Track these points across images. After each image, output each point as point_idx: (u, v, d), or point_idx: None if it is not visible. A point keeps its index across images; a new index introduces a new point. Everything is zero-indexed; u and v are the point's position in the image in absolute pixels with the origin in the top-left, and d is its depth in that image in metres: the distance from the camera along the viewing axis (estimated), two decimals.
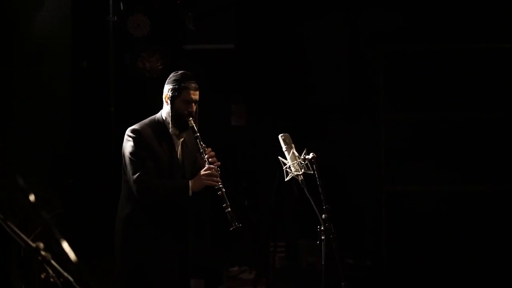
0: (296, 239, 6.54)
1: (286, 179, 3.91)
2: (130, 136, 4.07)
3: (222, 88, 6.94)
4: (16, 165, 6.03)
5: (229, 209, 3.99)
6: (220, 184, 4.04)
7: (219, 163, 4.14)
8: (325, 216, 3.75)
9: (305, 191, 3.84)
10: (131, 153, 4.03)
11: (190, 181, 4.05)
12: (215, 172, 4.05)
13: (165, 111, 4.16)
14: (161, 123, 4.15)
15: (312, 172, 3.86)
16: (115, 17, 6.11)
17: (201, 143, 4.10)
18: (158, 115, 4.20)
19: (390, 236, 6.80)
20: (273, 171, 4.81)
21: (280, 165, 3.94)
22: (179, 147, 4.20)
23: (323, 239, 3.74)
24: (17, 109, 6.15)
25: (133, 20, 6.27)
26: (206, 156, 4.09)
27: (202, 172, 4.05)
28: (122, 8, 6.10)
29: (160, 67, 6.31)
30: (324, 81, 6.85)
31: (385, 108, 6.90)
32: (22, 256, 5.35)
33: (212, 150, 4.17)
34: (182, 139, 4.21)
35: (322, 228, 3.75)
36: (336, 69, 6.87)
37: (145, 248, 4.07)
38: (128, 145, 4.07)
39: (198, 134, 4.10)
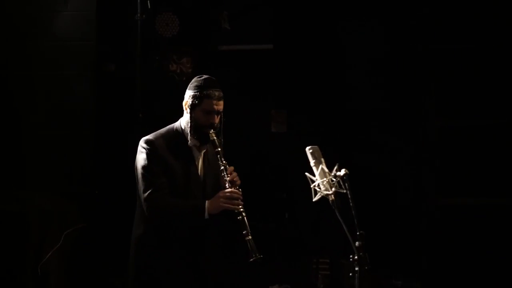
0: (339, 258, 5.99)
1: (314, 199, 3.38)
2: (143, 148, 3.66)
3: (261, 92, 6.46)
4: (36, 175, 5.70)
5: (250, 237, 3.55)
6: (241, 208, 3.60)
7: (239, 181, 3.70)
8: (359, 244, 3.21)
9: (336, 213, 3.31)
10: (143, 167, 3.62)
11: (207, 202, 3.61)
12: (236, 195, 3.61)
13: (184, 120, 3.75)
14: (180, 133, 3.73)
15: (344, 191, 3.31)
16: (143, 16, 5.66)
17: (223, 160, 3.67)
18: (177, 124, 3.80)
19: (444, 255, 6.17)
20: None
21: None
22: (200, 161, 3.78)
23: (356, 270, 3.20)
24: (38, 116, 5.82)
25: (161, 19, 5.82)
26: (227, 175, 3.66)
27: (222, 193, 3.62)
28: (149, 6, 5.64)
29: (190, 70, 5.84)
30: (368, 84, 6.27)
31: (435, 114, 6.28)
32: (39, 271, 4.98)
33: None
34: (204, 151, 3.79)
35: (356, 257, 3.20)
36: (381, 71, 6.27)
37: (158, 274, 3.66)
38: (140, 158, 3.66)
39: (219, 149, 3.68)
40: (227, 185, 3.63)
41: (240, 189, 3.66)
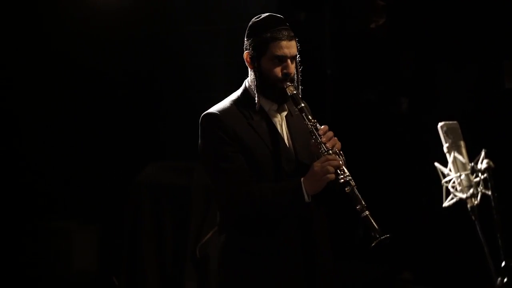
0: None
1: (445, 204, 2.24)
2: (204, 127, 2.82)
3: (488, 37, 5.11)
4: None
5: (367, 212, 2.56)
6: (348, 177, 2.61)
7: (339, 144, 2.71)
8: (501, 282, 2.06)
9: (477, 228, 2.16)
10: (211, 154, 2.79)
11: (302, 179, 2.67)
12: (334, 160, 2.62)
13: (250, 79, 2.85)
14: (250, 98, 2.82)
15: (489, 192, 2.14)
16: None
17: (309, 117, 2.73)
18: (241, 89, 2.89)
19: None
20: None
21: None
22: (284, 127, 2.86)
23: None
24: (215, 75, 5.28)
25: None
26: (319, 137, 2.68)
27: (316, 164, 2.64)
28: None
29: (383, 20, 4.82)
30: None
31: None
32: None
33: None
34: (286, 113, 2.87)
35: None
36: None
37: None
38: (203, 142, 2.83)
39: (303, 105, 2.74)
40: (321, 150, 2.67)
41: (341, 153, 2.70)
